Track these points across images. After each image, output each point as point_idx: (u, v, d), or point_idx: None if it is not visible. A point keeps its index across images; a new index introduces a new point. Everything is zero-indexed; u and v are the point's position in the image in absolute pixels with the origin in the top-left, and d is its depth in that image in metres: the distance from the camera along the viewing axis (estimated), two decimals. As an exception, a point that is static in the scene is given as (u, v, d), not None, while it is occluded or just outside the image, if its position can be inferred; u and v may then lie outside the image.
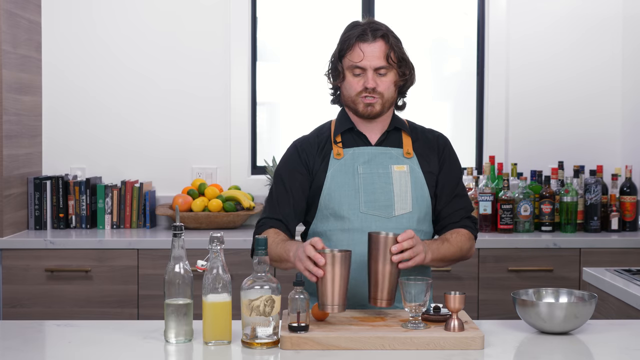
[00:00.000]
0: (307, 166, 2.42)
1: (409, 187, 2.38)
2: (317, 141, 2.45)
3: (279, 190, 2.43)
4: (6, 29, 3.77)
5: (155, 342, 2.04)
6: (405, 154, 2.42)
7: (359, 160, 2.40)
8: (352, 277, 2.27)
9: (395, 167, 2.40)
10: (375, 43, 2.35)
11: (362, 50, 2.35)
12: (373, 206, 2.36)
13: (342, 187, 2.37)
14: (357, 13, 4.41)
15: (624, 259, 3.74)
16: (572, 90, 4.35)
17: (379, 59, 2.35)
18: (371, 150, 2.42)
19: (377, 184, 2.37)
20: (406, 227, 2.35)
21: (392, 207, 2.36)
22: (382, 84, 2.37)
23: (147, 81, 4.31)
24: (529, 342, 2.06)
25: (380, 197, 2.36)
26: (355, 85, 2.38)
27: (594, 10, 4.33)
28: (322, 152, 2.42)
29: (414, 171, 2.40)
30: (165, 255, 3.67)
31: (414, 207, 2.37)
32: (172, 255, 2.04)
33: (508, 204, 3.95)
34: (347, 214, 2.36)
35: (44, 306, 3.72)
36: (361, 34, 2.36)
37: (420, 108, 4.44)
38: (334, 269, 2.06)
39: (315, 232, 2.42)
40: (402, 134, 2.46)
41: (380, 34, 2.36)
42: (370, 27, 2.37)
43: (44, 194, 4.03)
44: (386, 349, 1.96)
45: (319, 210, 2.40)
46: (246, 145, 4.33)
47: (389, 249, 2.11)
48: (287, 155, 2.47)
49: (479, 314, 3.74)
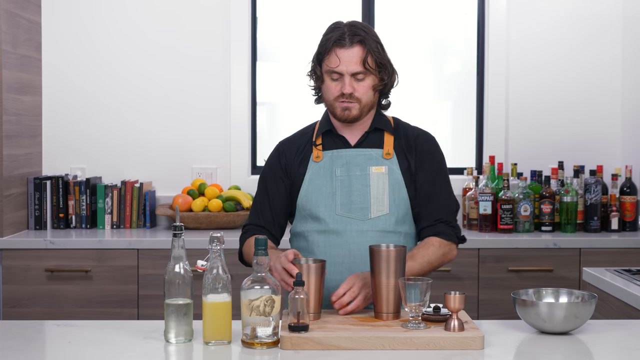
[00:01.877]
0: (285, 170, 2.46)
1: (387, 188, 2.38)
2: (298, 143, 2.48)
3: (261, 197, 2.49)
4: (6, 29, 3.77)
5: (155, 342, 2.04)
6: (385, 155, 2.41)
7: (337, 162, 2.41)
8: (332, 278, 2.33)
9: (374, 169, 2.39)
10: (352, 48, 2.33)
11: (337, 56, 2.33)
12: (349, 208, 2.37)
13: (319, 189, 2.39)
14: (357, 13, 4.41)
15: (624, 259, 3.74)
16: (572, 91, 4.35)
17: (356, 64, 2.33)
18: (349, 152, 2.42)
19: (354, 186, 2.38)
20: (382, 229, 2.36)
21: (368, 209, 2.37)
22: (360, 89, 2.35)
23: (147, 81, 4.31)
24: (529, 342, 2.06)
25: (356, 200, 2.37)
26: (333, 89, 2.37)
27: (594, 10, 4.33)
28: (302, 154, 2.45)
29: (392, 172, 2.39)
30: (165, 255, 3.67)
31: (391, 208, 2.37)
32: (172, 255, 2.04)
33: (508, 204, 3.95)
34: (323, 215, 2.38)
35: (44, 306, 3.72)
36: (338, 39, 2.33)
37: (421, 108, 4.45)
38: (309, 279, 2.13)
39: (295, 232, 2.47)
40: (384, 134, 2.45)
41: (358, 39, 2.33)
42: (350, 31, 2.34)
43: (44, 194, 4.03)
44: (386, 349, 1.96)
45: (298, 211, 2.44)
46: (246, 145, 4.33)
47: (391, 263, 2.12)
48: (270, 159, 2.52)
49: (479, 314, 3.74)
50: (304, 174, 2.42)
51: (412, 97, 4.39)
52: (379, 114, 2.47)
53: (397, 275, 2.13)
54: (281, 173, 2.46)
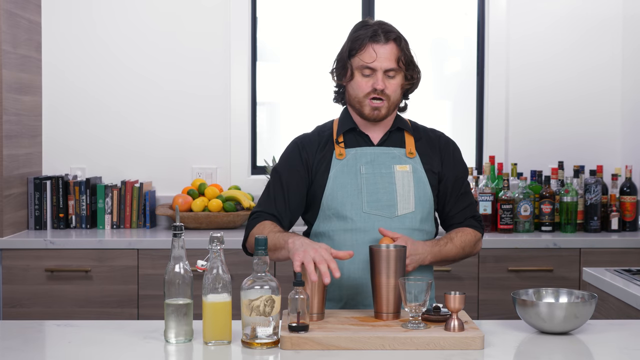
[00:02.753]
0: (307, 165, 2.42)
1: (412, 186, 2.38)
2: (318, 140, 2.44)
3: (276, 187, 2.43)
4: (6, 29, 3.77)
5: (155, 342, 2.04)
6: (408, 154, 2.42)
7: (362, 160, 2.40)
8: (356, 277, 2.33)
9: (398, 167, 2.40)
10: (387, 45, 2.36)
11: (375, 50, 2.34)
12: (376, 206, 2.36)
13: (344, 187, 2.37)
14: (357, 13, 4.41)
15: (624, 259, 3.74)
16: (572, 90, 4.35)
17: (390, 61, 2.35)
18: (373, 150, 2.42)
19: (379, 184, 2.37)
20: (409, 226, 2.36)
21: (395, 206, 2.36)
22: (390, 86, 2.37)
23: (147, 81, 4.31)
24: (529, 342, 2.06)
25: (382, 197, 2.36)
26: (364, 85, 2.37)
27: (594, 10, 4.34)
28: (323, 151, 2.42)
29: (416, 171, 2.40)
30: (165, 255, 3.67)
31: (417, 206, 2.38)
32: (172, 255, 2.04)
33: (508, 204, 3.95)
34: (349, 214, 2.36)
35: (44, 306, 3.72)
36: (373, 35, 2.35)
37: (421, 108, 4.44)
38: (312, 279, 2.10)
39: (318, 232, 2.42)
40: (404, 134, 2.46)
41: (393, 37, 2.37)
42: (382, 28, 2.37)
43: (44, 194, 4.03)
44: (386, 349, 1.96)
45: (322, 210, 2.39)
46: (246, 145, 4.33)
47: (391, 263, 2.12)
48: (288, 153, 2.47)
49: (479, 314, 3.74)
50: (326, 172, 2.39)
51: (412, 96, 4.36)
52: (399, 115, 2.49)
53: (397, 275, 2.13)
54: (301, 166, 2.41)
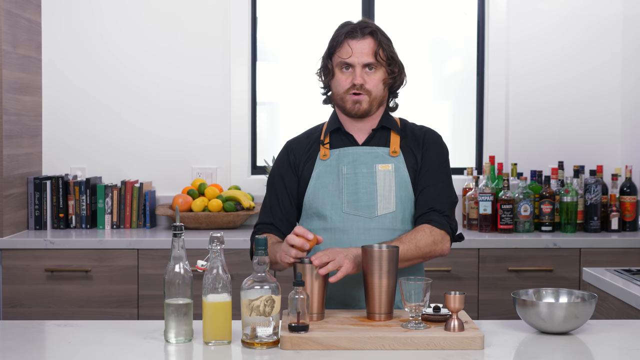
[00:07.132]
0: (295, 168, 2.46)
1: (393, 186, 2.38)
2: (307, 142, 2.48)
3: (270, 195, 2.50)
4: (6, 29, 3.77)
5: (155, 342, 2.04)
6: (391, 152, 2.42)
7: (344, 160, 2.41)
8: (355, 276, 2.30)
9: (380, 166, 2.40)
10: (364, 40, 2.38)
11: (350, 46, 2.37)
12: (355, 206, 2.37)
13: (325, 187, 2.40)
14: (357, 13, 4.41)
15: (624, 259, 3.74)
16: (572, 91, 4.35)
17: (367, 55, 2.37)
18: (356, 150, 2.43)
19: (360, 184, 2.38)
20: (389, 227, 2.36)
21: (375, 206, 2.37)
22: (371, 81, 2.38)
23: (147, 81, 4.31)
24: (529, 342, 2.06)
25: (363, 197, 2.37)
26: (344, 82, 2.39)
27: (594, 10, 4.34)
28: (309, 153, 2.45)
29: (399, 170, 2.39)
30: (165, 255, 3.67)
31: (398, 206, 2.38)
32: (172, 255, 2.04)
33: (508, 204, 3.95)
34: (329, 213, 2.38)
35: (44, 306, 3.72)
36: (350, 31, 2.39)
37: (421, 108, 4.45)
38: (312, 279, 2.12)
39: None
40: (390, 133, 2.45)
41: (369, 31, 2.38)
42: (360, 25, 2.41)
43: (44, 194, 4.03)
44: (386, 349, 1.96)
45: (304, 210, 2.45)
46: (246, 145, 4.33)
47: (383, 263, 2.11)
48: (279, 158, 2.52)
49: (479, 314, 3.74)
50: (311, 172, 2.43)
51: (412, 97, 4.38)
52: (387, 114, 2.48)
53: (390, 275, 2.12)
54: (290, 170, 2.46)
